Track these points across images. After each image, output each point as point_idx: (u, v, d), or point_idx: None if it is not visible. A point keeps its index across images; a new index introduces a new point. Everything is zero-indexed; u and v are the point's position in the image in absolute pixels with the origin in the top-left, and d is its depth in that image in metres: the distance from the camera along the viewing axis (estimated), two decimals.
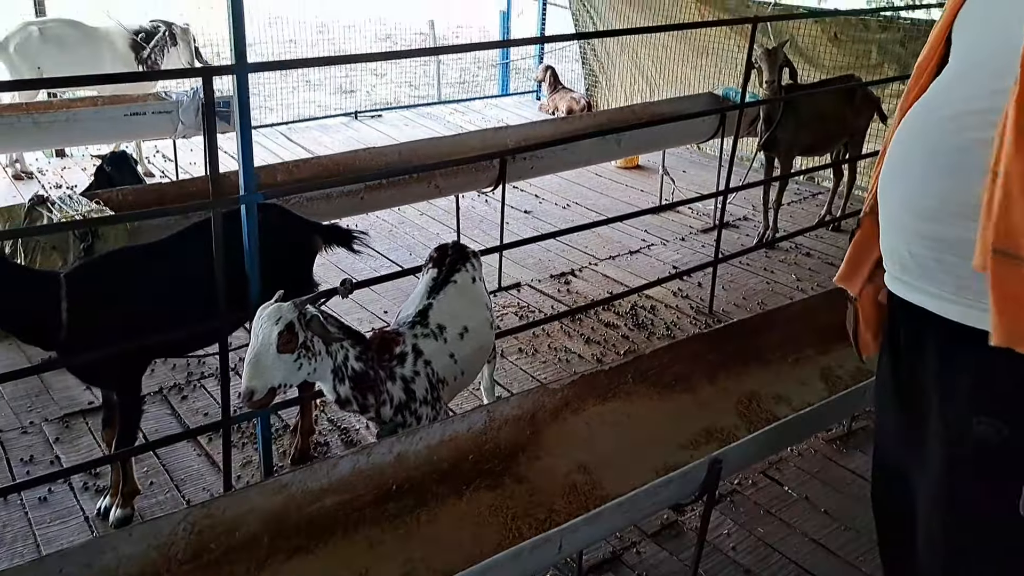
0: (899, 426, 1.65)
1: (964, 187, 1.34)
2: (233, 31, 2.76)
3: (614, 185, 6.83)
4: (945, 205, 1.39)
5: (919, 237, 1.44)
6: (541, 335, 4.41)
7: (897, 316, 1.60)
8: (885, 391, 1.71)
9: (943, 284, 1.42)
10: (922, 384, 1.53)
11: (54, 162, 6.62)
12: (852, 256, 1.74)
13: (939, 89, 1.48)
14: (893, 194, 1.52)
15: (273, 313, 2.33)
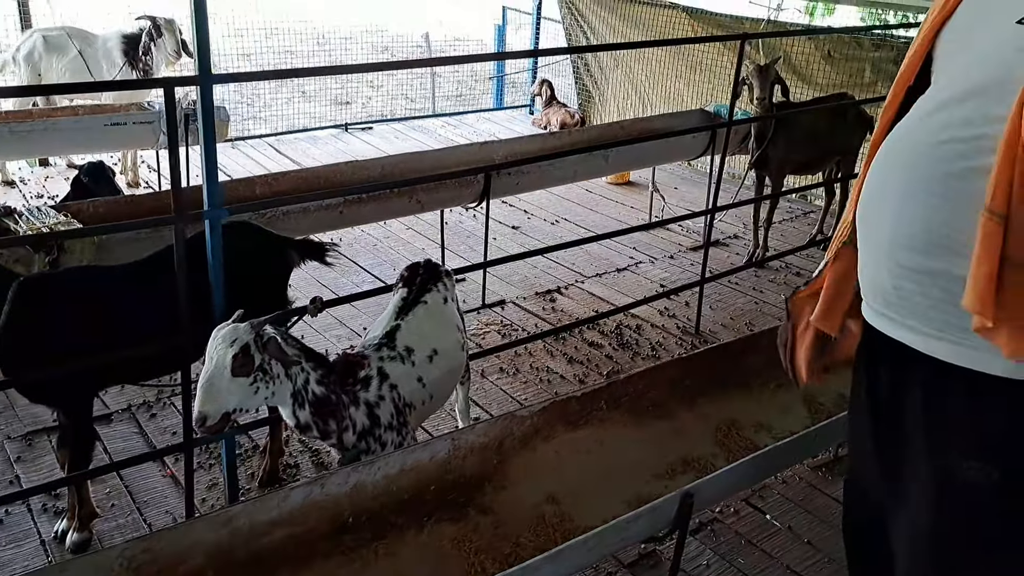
0: (876, 463, 1.56)
1: (954, 218, 1.26)
2: (197, 42, 2.67)
3: (604, 201, 6.75)
4: (933, 236, 1.30)
5: (904, 270, 1.35)
6: (523, 354, 4.31)
7: (876, 351, 1.50)
8: (861, 425, 1.61)
9: (930, 321, 1.33)
10: (903, 424, 1.44)
11: (37, 171, 6.54)
12: (830, 293, 1.62)
13: (925, 113, 1.39)
14: (875, 223, 1.43)
15: (228, 334, 2.24)
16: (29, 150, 5.43)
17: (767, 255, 5.52)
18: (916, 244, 1.32)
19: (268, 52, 10.97)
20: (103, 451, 3.44)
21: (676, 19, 7.45)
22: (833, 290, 1.61)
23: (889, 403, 1.49)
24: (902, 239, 1.35)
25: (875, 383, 1.53)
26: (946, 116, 1.32)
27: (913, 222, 1.33)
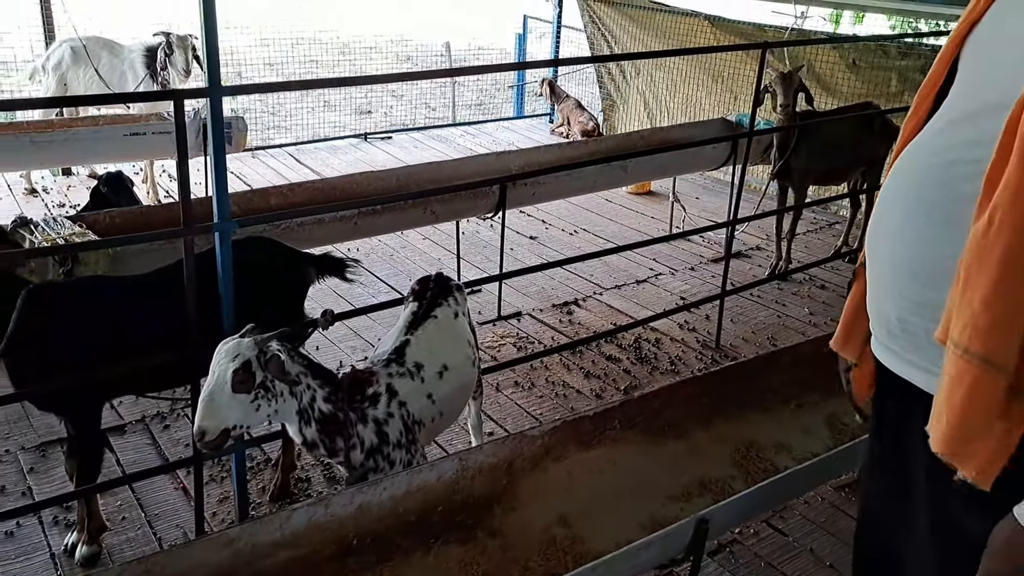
0: (886, 489, 1.49)
1: (957, 248, 1.15)
2: (207, 55, 2.65)
3: (624, 211, 6.68)
4: (935, 266, 1.21)
5: (907, 301, 1.26)
6: (539, 368, 4.25)
7: (884, 385, 1.42)
8: (872, 455, 1.54)
9: (934, 357, 1.22)
10: (908, 463, 1.35)
11: (60, 180, 6.60)
12: (848, 318, 1.54)
13: (936, 130, 1.29)
14: (880, 249, 1.34)
15: (231, 350, 2.21)
16: (50, 160, 5.46)
17: (790, 267, 5.41)
18: (918, 273, 1.24)
19: (292, 62, 11.04)
20: (115, 463, 3.42)
21: (698, 28, 7.37)
22: (852, 314, 1.52)
23: (895, 440, 1.42)
24: (904, 267, 1.26)
25: (883, 417, 1.46)
26: (953, 134, 1.24)
27: (915, 249, 1.25)
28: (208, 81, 2.68)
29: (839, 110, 5.66)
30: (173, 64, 6.06)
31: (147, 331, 2.84)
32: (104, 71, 6.07)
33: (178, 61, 6.05)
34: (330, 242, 4.36)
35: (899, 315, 1.28)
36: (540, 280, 5.21)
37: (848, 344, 1.54)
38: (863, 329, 1.50)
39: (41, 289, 2.75)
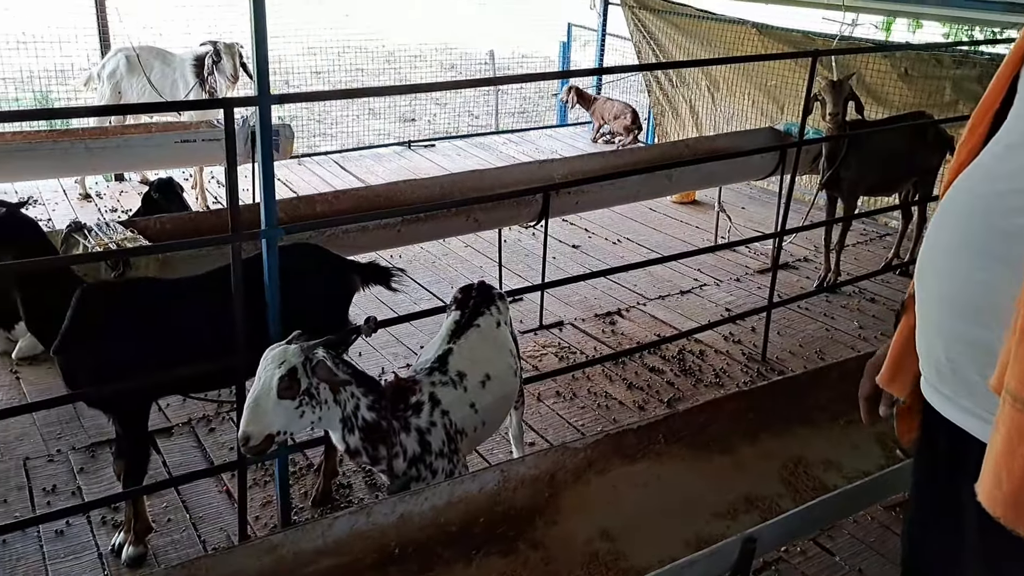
0: (933, 525, 1.41)
1: (1009, 284, 1.07)
2: (256, 64, 2.69)
3: (668, 221, 6.61)
4: (985, 303, 1.12)
5: (957, 341, 1.18)
6: (581, 378, 4.21)
7: (934, 427, 1.31)
8: (918, 483, 1.46)
9: (986, 402, 1.12)
10: (961, 514, 1.25)
11: (112, 185, 6.76)
12: (896, 353, 1.44)
13: (992, 156, 1.20)
14: (929, 283, 1.26)
15: (278, 356, 2.22)
16: (104, 166, 5.61)
17: (839, 280, 5.30)
18: (967, 310, 1.15)
19: (339, 70, 11.18)
20: (162, 464, 3.48)
21: (745, 36, 7.28)
22: (900, 350, 1.42)
23: (945, 484, 1.32)
24: (953, 304, 1.18)
25: (933, 458, 1.36)
26: (1010, 161, 1.14)
27: (965, 286, 1.16)
28: (257, 90, 2.71)
29: (890, 119, 5.54)
30: (221, 71, 6.17)
31: (196, 333, 2.89)
32: (156, 79, 6.22)
33: (226, 68, 6.16)
34: (374, 249, 4.40)
35: (948, 355, 1.20)
36: (583, 289, 5.18)
37: (896, 381, 1.44)
38: (912, 365, 1.40)
39: (95, 289, 2.82)
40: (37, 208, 6.15)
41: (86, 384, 2.78)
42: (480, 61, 15.02)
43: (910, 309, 1.39)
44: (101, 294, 2.81)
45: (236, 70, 6.21)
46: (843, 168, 4.99)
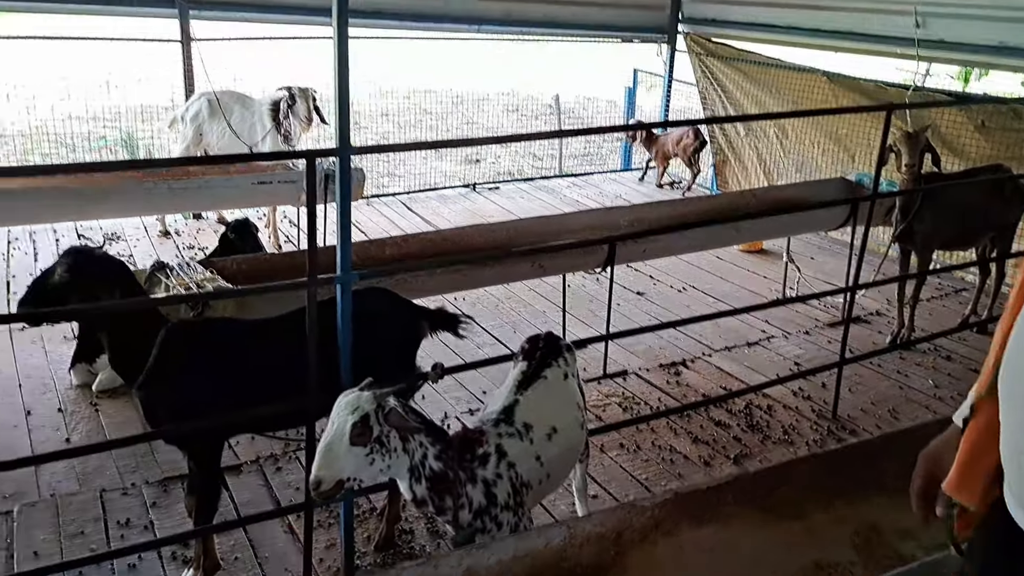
0: None
1: None
2: (339, 116, 2.78)
3: (734, 269, 6.53)
4: None
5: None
6: (645, 430, 4.16)
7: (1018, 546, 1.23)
8: None
9: None
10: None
11: (191, 223, 7.02)
12: (965, 459, 1.35)
13: None
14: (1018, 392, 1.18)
15: (351, 402, 2.26)
16: (184, 205, 5.84)
17: (913, 336, 5.14)
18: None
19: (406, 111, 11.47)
20: (230, 501, 3.55)
21: (815, 84, 7.22)
22: (971, 453, 1.33)
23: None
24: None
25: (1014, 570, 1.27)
26: None
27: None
28: (338, 141, 2.81)
29: (967, 172, 5.40)
30: (296, 114, 6.39)
31: (271, 374, 2.97)
32: (235, 122, 6.47)
33: (300, 111, 6.38)
34: (440, 292, 4.45)
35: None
36: (647, 338, 5.14)
37: (964, 488, 1.35)
38: (983, 471, 1.32)
39: (179, 329, 2.91)
40: (120, 244, 6.43)
41: (165, 421, 2.87)
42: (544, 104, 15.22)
43: (981, 412, 1.31)
44: (185, 334, 2.91)
45: (310, 113, 6.42)
46: (917, 221, 4.88)
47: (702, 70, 8.52)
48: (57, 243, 6.39)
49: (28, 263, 6.01)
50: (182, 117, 6.65)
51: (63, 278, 2.72)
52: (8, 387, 4.37)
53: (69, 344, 4.78)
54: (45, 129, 11.03)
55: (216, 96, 6.45)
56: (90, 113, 8.35)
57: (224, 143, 6.50)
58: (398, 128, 12.08)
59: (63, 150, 10.84)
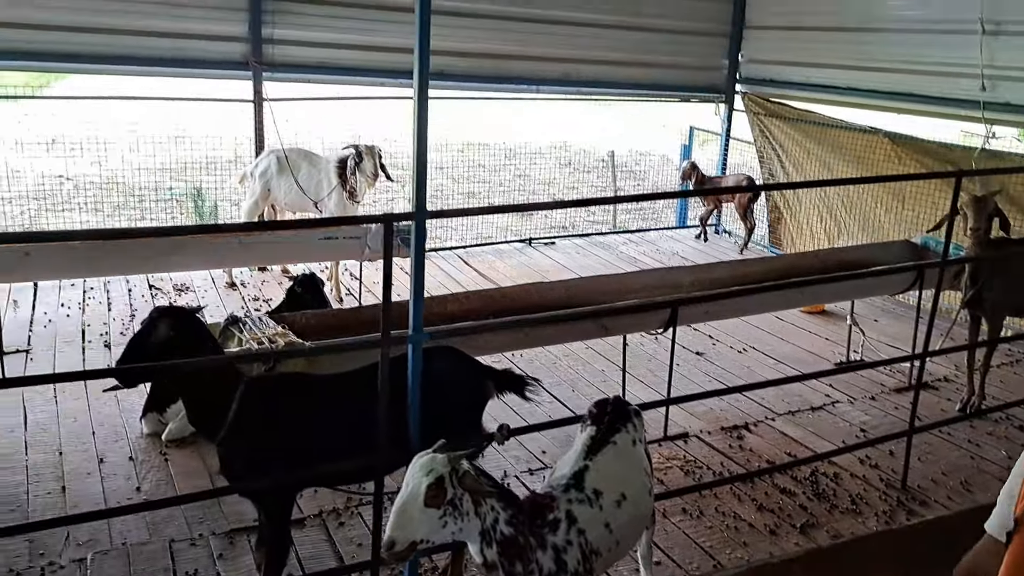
0: None
1: None
2: (416, 181, 2.87)
3: (795, 330, 6.44)
4: None
5: None
6: (708, 495, 4.09)
7: None
8: None
9: None
10: None
11: (256, 275, 7.21)
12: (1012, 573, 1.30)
13: None
14: None
15: (426, 464, 2.29)
16: (253, 259, 6.02)
17: (984, 404, 4.98)
18: None
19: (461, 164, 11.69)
20: (294, 555, 3.57)
21: (877, 144, 7.18)
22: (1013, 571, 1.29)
23: None
24: None
25: None
26: None
27: None
28: (415, 206, 2.89)
29: None
30: (362, 170, 6.58)
31: (343, 429, 3.03)
32: (303, 179, 6.68)
33: (367, 168, 6.56)
34: (501, 350, 4.50)
35: None
36: (708, 400, 5.06)
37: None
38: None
39: (258, 384, 2.99)
40: (188, 295, 6.63)
41: (243, 474, 2.93)
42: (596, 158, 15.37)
43: None
44: (264, 389, 2.99)
45: (376, 170, 6.60)
46: (987, 288, 4.77)
47: (760, 128, 8.54)
48: (129, 293, 6.61)
49: (102, 312, 6.23)
50: (251, 173, 6.88)
51: (166, 337, 2.80)
52: (82, 435, 4.50)
53: (139, 393, 4.90)
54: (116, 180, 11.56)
55: (285, 153, 6.68)
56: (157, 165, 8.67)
57: (291, 198, 6.72)
58: (452, 181, 12.30)
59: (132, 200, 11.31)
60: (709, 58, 8.76)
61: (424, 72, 2.79)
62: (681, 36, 8.45)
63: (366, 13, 7.14)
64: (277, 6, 6.79)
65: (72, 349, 5.57)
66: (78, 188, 11.54)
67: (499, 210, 4.05)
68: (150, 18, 6.46)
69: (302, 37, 7.00)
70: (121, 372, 2.78)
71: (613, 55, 8.22)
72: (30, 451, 4.30)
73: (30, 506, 3.85)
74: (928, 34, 6.64)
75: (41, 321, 5.98)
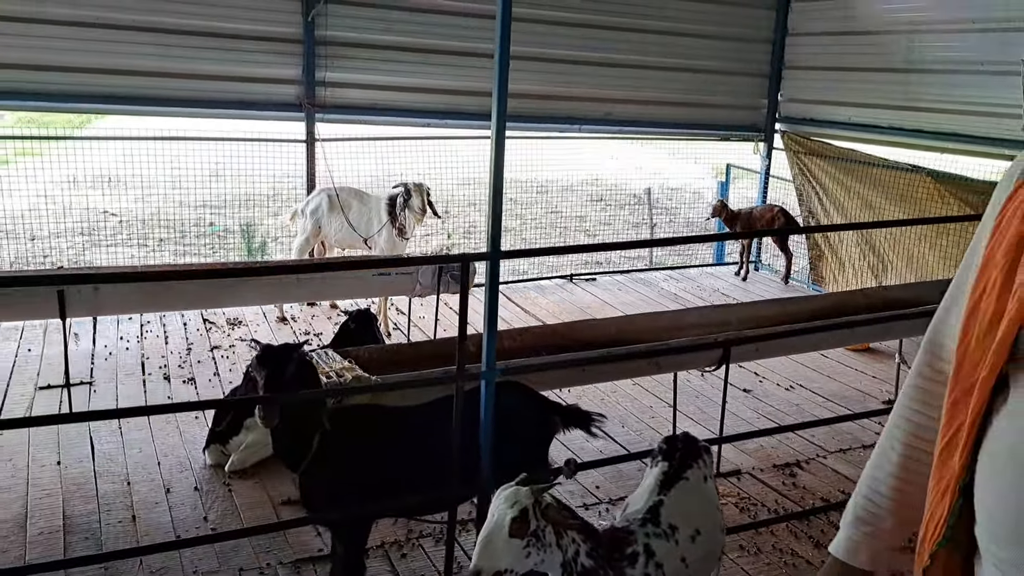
0: None
1: None
2: (491, 222, 3.00)
3: (842, 368, 6.45)
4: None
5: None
6: (764, 532, 4.11)
7: None
8: None
9: None
10: None
11: (305, 310, 7.37)
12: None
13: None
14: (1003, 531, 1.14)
15: (511, 496, 2.36)
16: (308, 294, 6.17)
17: None
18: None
19: None
20: None
21: (919, 183, 7.22)
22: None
23: None
24: None
25: None
26: None
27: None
28: (489, 246, 3.02)
29: None
30: (411, 208, 6.75)
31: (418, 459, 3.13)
32: (353, 217, 6.85)
33: (415, 204, 6.73)
34: (555, 387, 4.56)
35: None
36: (758, 437, 5.09)
37: None
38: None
39: (341, 414, 3.10)
40: (241, 329, 6.79)
41: (323, 502, 3.03)
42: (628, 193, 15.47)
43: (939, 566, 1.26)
44: (345, 420, 3.10)
45: (424, 206, 6.77)
46: None
47: (799, 167, 8.62)
48: (184, 327, 6.79)
49: (159, 345, 6.41)
50: (303, 211, 7.07)
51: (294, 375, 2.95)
52: (148, 465, 4.62)
53: (199, 424, 5.05)
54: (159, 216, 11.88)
55: (335, 191, 6.87)
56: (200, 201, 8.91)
57: (341, 235, 6.89)
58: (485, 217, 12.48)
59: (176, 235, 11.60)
60: (749, 98, 8.89)
61: (501, 118, 2.93)
62: (722, 76, 8.60)
63: (413, 56, 7.37)
64: (331, 51, 7.03)
65: (133, 381, 5.73)
66: (122, 223, 11.90)
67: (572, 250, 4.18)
68: (211, 63, 6.74)
69: (353, 80, 7.24)
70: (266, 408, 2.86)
71: (655, 95, 8.39)
72: (100, 481, 4.43)
73: (103, 534, 3.97)
74: (971, 75, 6.70)
75: (101, 354, 6.16)
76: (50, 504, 4.19)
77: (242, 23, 6.74)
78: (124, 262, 9.37)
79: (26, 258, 10.04)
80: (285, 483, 4.46)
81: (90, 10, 6.34)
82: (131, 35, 6.45)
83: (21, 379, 5.67)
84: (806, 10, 8.42)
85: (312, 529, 4.00)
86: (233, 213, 10.83)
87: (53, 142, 11.43)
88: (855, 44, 7.81)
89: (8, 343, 6.26)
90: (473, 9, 7.33)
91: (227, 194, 8.96)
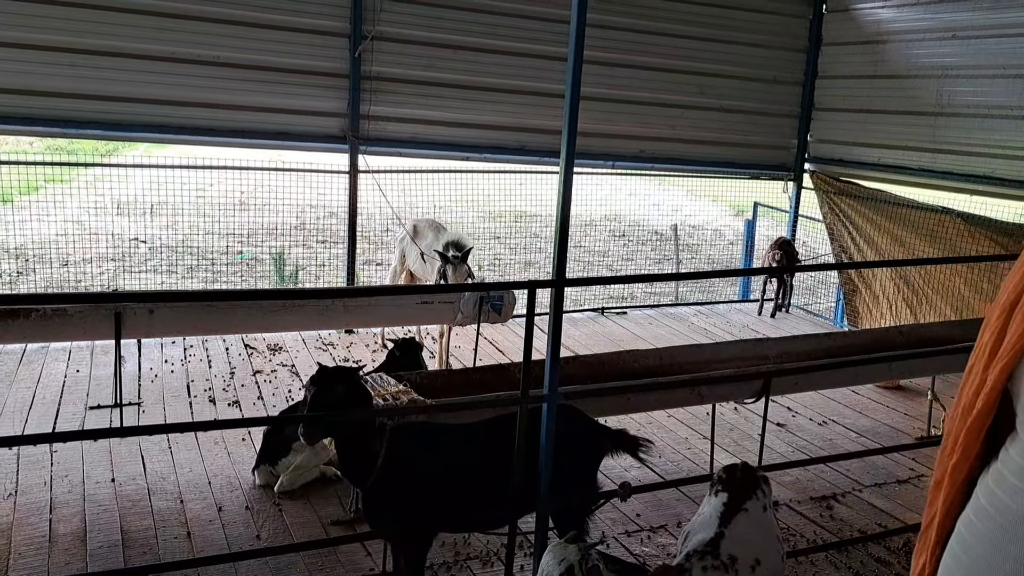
0: None
1: None
2: (557, 253, 3.14)
3: (873, 405, 6.51)
4: None
5: None
6: (804, 562, 4.18)
7: None
8: None
9: None
10: None
11: (344, 337, 7.51)
12: None
13: None
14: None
15: (559, 552, 2.50)
16: (354, 321, 6.32)
17: None
18: None
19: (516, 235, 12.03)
20: None
21: (949, 224, 7.32)
22: None
23: None
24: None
25: None
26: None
27: None
28: (554, 274, 3.16)
29: None
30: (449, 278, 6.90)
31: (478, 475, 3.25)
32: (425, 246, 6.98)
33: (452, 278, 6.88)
34: (604, 414, 4.66)
35: None
36: (793, 470, 5.17)
37: None
38: None
39: (403, 429, 3.23)
40: (282, 354, 6.94)
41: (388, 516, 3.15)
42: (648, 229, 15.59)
43: None
44: (409, 436, 3.22)
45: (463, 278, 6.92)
46: None
47: (829, 205, 8.74)
48: (227, 351, 6.94)
49: (203, 368, 6.55)
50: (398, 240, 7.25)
51: (340, 395, 3.09)
52: (199, 484, 4.74)
53: (247, 445, 5.18)
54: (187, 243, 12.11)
55: (415, 223, 7.03)
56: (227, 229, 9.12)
57: (416, 266, 6.94)
58: (509, 251, 12.67)
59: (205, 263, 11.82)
60: (779, 138, 9.06)
61: (570, 156, 3.08)
62: (753, 116, 8.78)
63: (453, 92, 7.59)
64: (375, 85, 7.26)
65: (179, 403, 5.88)
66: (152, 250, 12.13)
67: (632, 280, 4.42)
68: (258, 95, 6.96)
69: (396, 113, 7.45)
70: (307, 426, 3.02)
71: (688, 133, 8.57)
72: (153, 498, 4.56)
73: (160, 548, 4.08)
74: (1003, 119, 6.84)
75: (148, 376, 6.31)
76: (108, 519, 4.31)
77: (294, 58, 6.99)
78: (154, 288, 9.57)
79: (58, 283, 10.27)
80: (333, 504, 4.58)
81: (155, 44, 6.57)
82: (183, 67, 6.67)
83: (71, 399, 5.82)
84: (836, 54, 8.61)
85: (362, 548, 4.11)
86: (260, 242, 11.02)
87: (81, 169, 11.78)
88: (884, 88, 7.98)
89: (57, 364, 6.43)
90: (512, 48, 7.57)
91: (260, 223, 9.17)
